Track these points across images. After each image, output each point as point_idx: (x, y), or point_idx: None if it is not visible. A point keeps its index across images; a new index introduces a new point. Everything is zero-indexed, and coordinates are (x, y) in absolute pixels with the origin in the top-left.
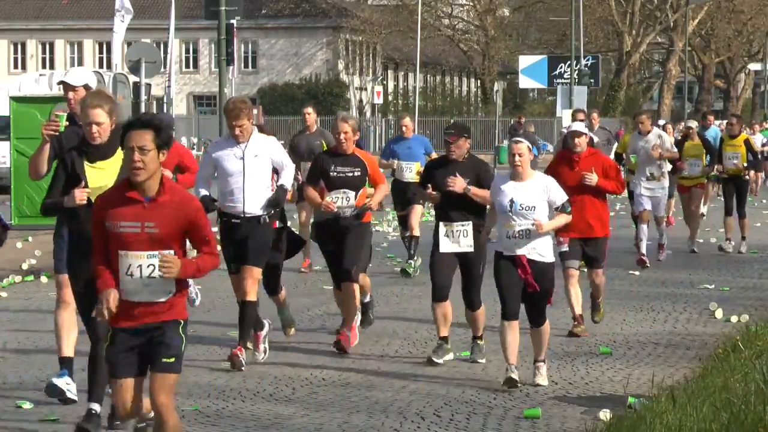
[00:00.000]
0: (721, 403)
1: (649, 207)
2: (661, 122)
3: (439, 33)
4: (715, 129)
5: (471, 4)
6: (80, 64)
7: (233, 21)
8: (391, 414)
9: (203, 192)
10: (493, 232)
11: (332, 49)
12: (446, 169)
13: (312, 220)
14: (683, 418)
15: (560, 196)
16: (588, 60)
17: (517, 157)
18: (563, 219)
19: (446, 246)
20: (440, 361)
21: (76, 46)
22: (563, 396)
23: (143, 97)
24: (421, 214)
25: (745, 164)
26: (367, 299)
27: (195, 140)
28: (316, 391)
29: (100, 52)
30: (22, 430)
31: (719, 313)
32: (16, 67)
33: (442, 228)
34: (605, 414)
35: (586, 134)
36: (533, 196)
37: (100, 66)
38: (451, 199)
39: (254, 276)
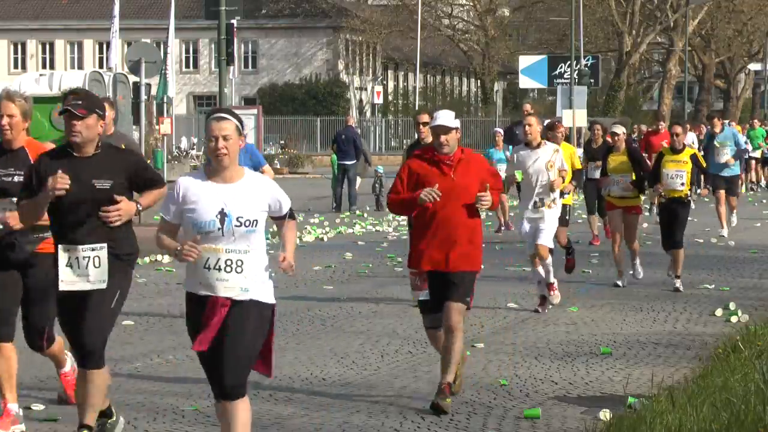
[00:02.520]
0: (721, 403)
1: (538, 241)
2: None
3: (439, 33)
4: (730, 129)
5: (471, 4)
6: (80, 64)
7: (233, 21)
8: (391, 414)
9: None
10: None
11: (332, 49)
12: (68, 167)
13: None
14: (683, 418)
15: (286, 201)
16: (588, 60)
17: (220, 142)
18: (292, 234)
19: (69, 281)
20: None
21: (76, 46)
22: (563, 396)
23: (143, 97)
24: None
25: (690, 191)
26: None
27: (195, 140)
28: (316, 391)
29: (100, 52)
30: (21, 431)
31: (738, 313)
32: (16, 67)
33: (62, 254)
34: (605, 414)
35: (456, 129)
36: (254, 205)
37: (100, 66)
38: (70, 211)
39: None
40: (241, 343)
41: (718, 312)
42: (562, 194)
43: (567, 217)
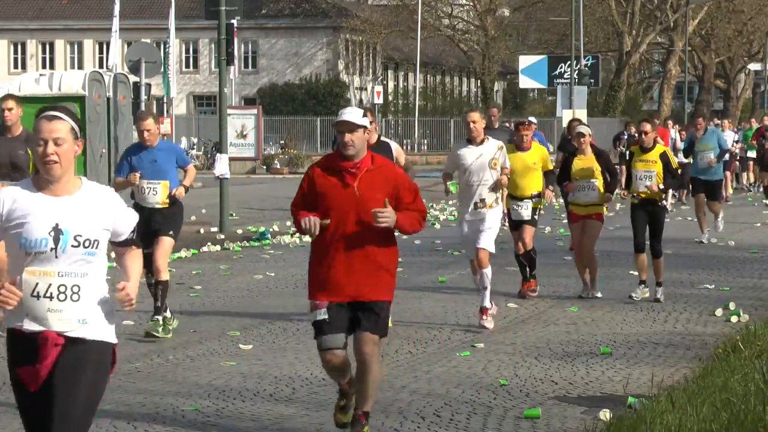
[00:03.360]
0: (721, 403)
1: (479, 244)
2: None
3: (439, 33)
4: (713, 131)
5: (471, 4)
6: (80, 64)
7: (233, 21)
8: (391, 414)
9: None
10: None
11: (332, 49)
12: None
13: None
14: (683, 418)
15: (129, 222)
16: (588, 60)
17: (50, 146)
18: (137, 265)
19: None
20: None
21: (76, 46)
22: (563, 396)
23: (143, 97)
24: (169, 251)
25: (662, 186)
26: None
27: (195, 140)
28: (316, 391)
29: (100, 52)
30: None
31: (738, 313)
32: (16, 67)
33: None
34: (605, 414)
35: (365, 128)
36: (95, 222)
37: (100, 66)
38: None
39: None
40: (74, 405)
41: (718, 312)
42: (538, 197)
43: (536, 217)
